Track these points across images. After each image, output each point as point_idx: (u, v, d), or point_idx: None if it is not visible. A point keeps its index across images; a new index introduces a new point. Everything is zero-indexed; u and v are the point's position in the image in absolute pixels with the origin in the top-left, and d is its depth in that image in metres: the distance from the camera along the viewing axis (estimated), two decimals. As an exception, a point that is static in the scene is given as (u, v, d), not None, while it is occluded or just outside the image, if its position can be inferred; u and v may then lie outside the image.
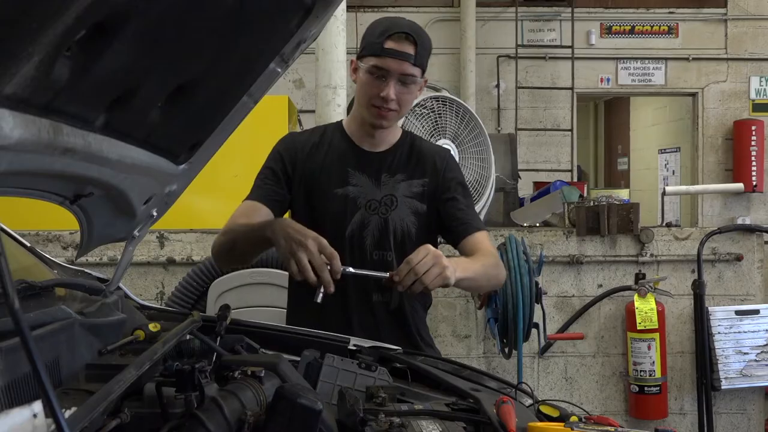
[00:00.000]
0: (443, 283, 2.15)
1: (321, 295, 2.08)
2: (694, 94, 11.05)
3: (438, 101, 4.80)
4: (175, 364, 1.77)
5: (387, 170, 2.61)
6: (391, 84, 2.45)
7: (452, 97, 4.97)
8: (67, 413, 1.23)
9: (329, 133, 2.68)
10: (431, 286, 2.12)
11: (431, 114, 4.75)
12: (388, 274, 2.17)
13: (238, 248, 2.43)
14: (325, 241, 2.09)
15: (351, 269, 2.16)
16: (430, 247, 2.17)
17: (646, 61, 11.00)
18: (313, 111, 5.10)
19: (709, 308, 5.11)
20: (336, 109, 4.82)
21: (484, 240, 2.56)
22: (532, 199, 7.03)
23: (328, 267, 2.08)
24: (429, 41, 2.53)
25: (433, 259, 2.12)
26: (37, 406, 1.17)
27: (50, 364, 1.53)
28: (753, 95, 10.89)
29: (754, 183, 10.09)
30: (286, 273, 2.47)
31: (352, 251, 2.54)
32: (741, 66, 10.90)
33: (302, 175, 2.59)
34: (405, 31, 2.44)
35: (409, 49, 2.45)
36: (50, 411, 0.85)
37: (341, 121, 2.75)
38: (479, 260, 2.44)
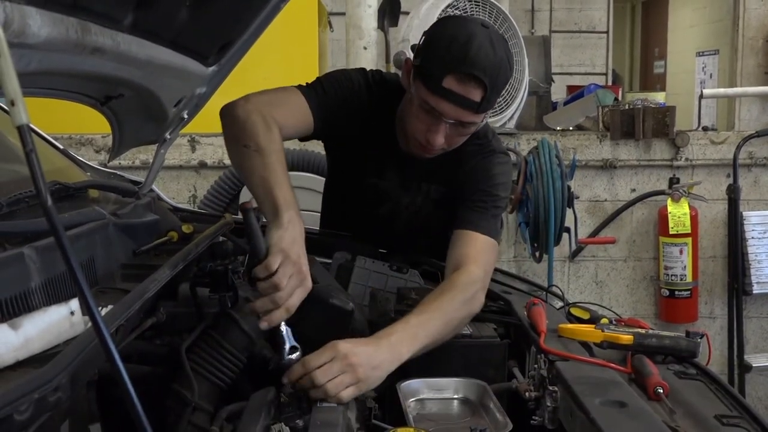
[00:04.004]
0: (358, 393, 1.51)
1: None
2: (735, -7, 10.68)
3: (470, 2, 4.69)
4: (209, 264, 1.80)
5: (417, 179, 2.23)
6: (441, 129, 1.95)
7: (485, -3, 4.84)
8: (104, 311, 1.26)
9: (379, 116, 2.15)
10: (341, 397, 1.47)
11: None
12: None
13: (238, 166, 1.91)
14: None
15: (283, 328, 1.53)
16: (340, 347, 1.52)
17: (687, -41, 10.62)
18: (344, 13, 5.01)
19: (743, 213, 5.07)
20: (367, 10, 4.73)
21: (474, 247, 1.95)
22: (566, 103, 6.94)
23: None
24: (506, 74, 1.93)
25: (340, 367, 1.49)
26: (74, 303, 1.19)
27: (85, 264, 1.55)
28: (798, -6, 10.51)
29: (795, 86, 9.82)
30: (321, 178, 2.42)
31: (380, 232, 2.32)
32: (787, -37, 10.48)
33: (341, 147, 2.28)
34: (473, 73, 1.83)
35: (475, 95, 1.86)
36: (86, 309, 0.87)
37: (396, 86, 2.15)
38: (441, 304, 1.75)
